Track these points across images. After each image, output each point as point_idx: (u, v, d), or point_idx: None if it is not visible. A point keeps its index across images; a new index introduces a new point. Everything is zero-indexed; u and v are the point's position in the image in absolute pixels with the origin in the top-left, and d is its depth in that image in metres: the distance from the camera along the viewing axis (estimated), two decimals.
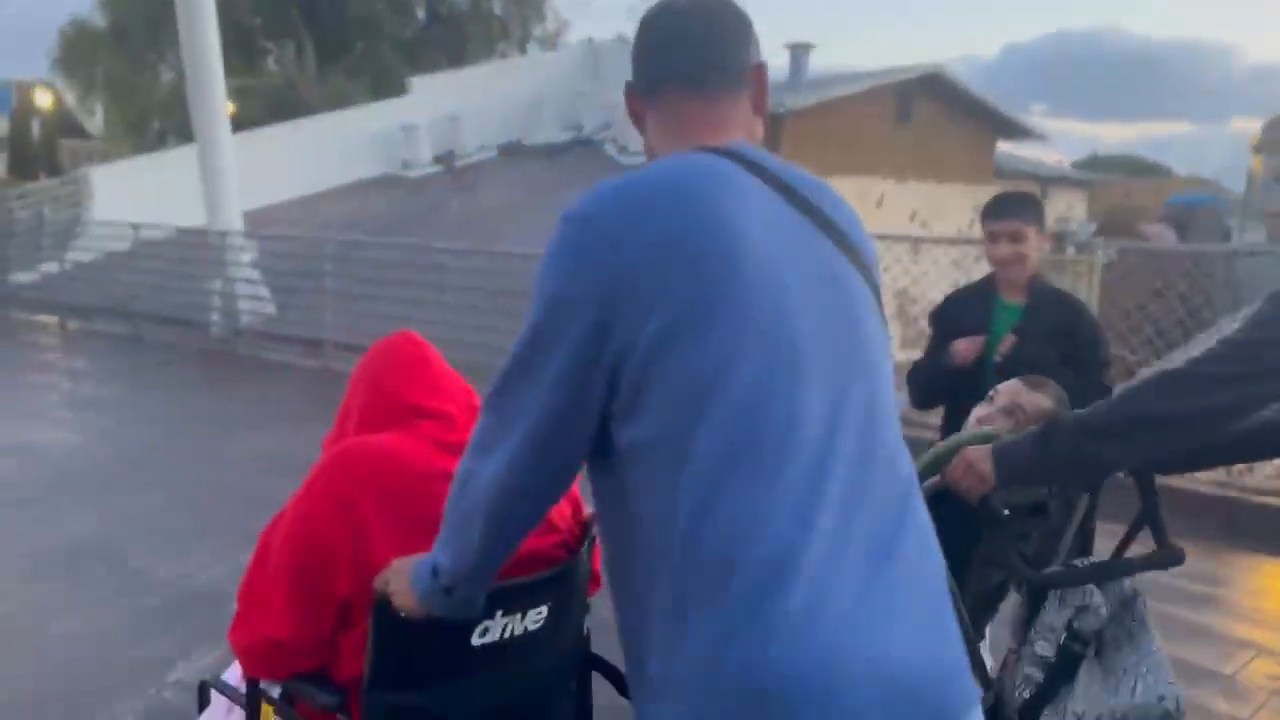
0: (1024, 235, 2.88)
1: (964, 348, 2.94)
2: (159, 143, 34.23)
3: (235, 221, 10.51)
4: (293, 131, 16.85)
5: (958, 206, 18.67)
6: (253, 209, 15.25)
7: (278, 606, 1.58)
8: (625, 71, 1.40)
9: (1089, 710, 1.80)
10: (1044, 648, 1.83)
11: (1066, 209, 27.57)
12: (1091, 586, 1.83)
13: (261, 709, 1.70)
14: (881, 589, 1.09)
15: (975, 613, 1.94)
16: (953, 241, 7.45)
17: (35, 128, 56.77)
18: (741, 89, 1.32)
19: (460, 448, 1.32)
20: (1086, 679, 1.82)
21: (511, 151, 18.49)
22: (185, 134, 30.96)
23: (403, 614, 1.42)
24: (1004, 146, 27.07)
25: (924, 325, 3.38)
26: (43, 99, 34.75)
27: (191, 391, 8.09)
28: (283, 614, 1.57)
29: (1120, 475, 1.86)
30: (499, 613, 1.55)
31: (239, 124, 30.19)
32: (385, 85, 27.38)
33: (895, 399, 1.22)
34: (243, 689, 1.74)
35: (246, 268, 10.17)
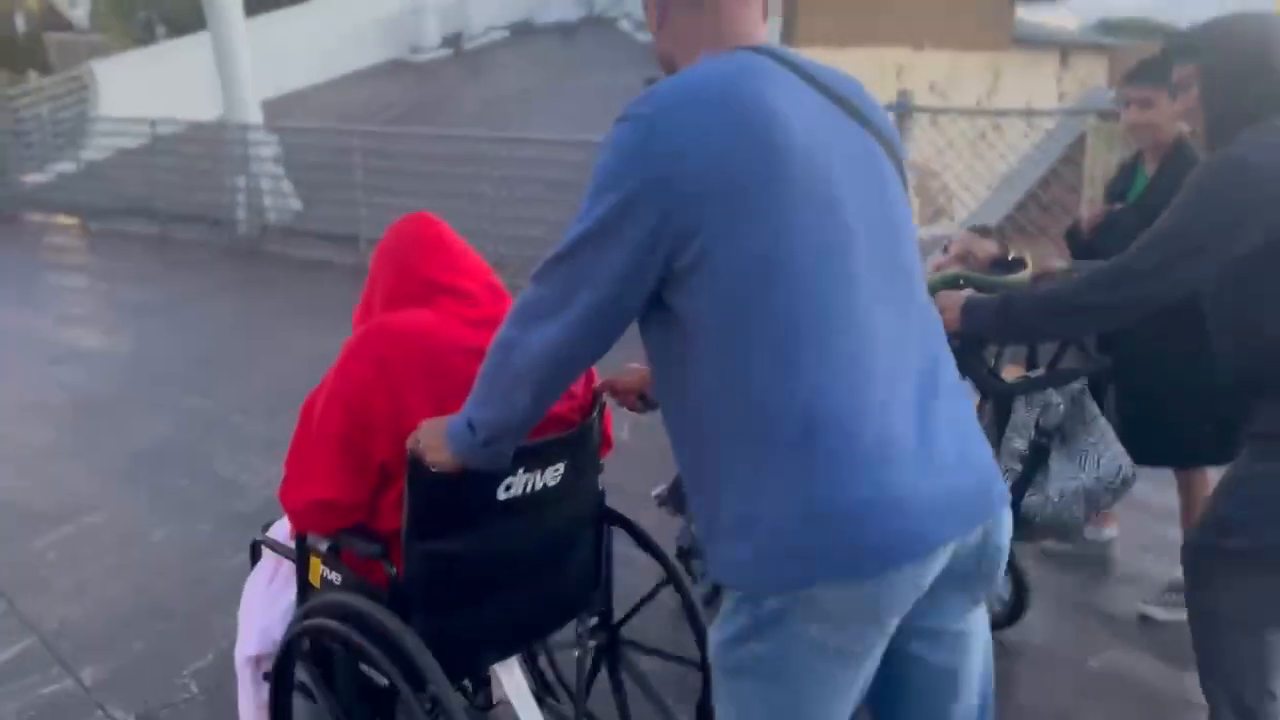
0: (1152, 102, 2.79)
1: (1085, 217, 3.01)
2: (146, 33, 33.27)
3: (254, 114, 10.24)
4: (298, 16, 16.28)
5: (977, 75, 18.16)
6: (262, 99, 14.94)
7: (323, 470, 1.71)
8: None
9: (1065, 486, 2.23)
10: (1019, 444, 2.22)
11: (1088, 75, 26.86)
12: (1050, 389, 2.24)
13: (310, 561, 1.86)
14: (934, 421, 1.29)
15: None
16: (972, 114, 7.25)
17: (19, 23, 55.14)
18: None
19: (482, 323, 1.56)
20: (1056, 464, 2.24)
21: (522, 30, 17.93)
22: (173, 24, 30.19)
23: (434, 469, 1.57)
24: (1020, 12, 26.22)
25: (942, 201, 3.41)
26: None
27: (231, 293, 8.02)
28: (328, 477, 1.71)
29: None
30: (521, 470, 1.71)
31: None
32: None
33: (919, 253, 1.43)
34: (292, 544, 1.91)
35: (269, 163, 9.96)
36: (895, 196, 1.38)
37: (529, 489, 1.75)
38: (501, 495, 1.71)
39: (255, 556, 2.14)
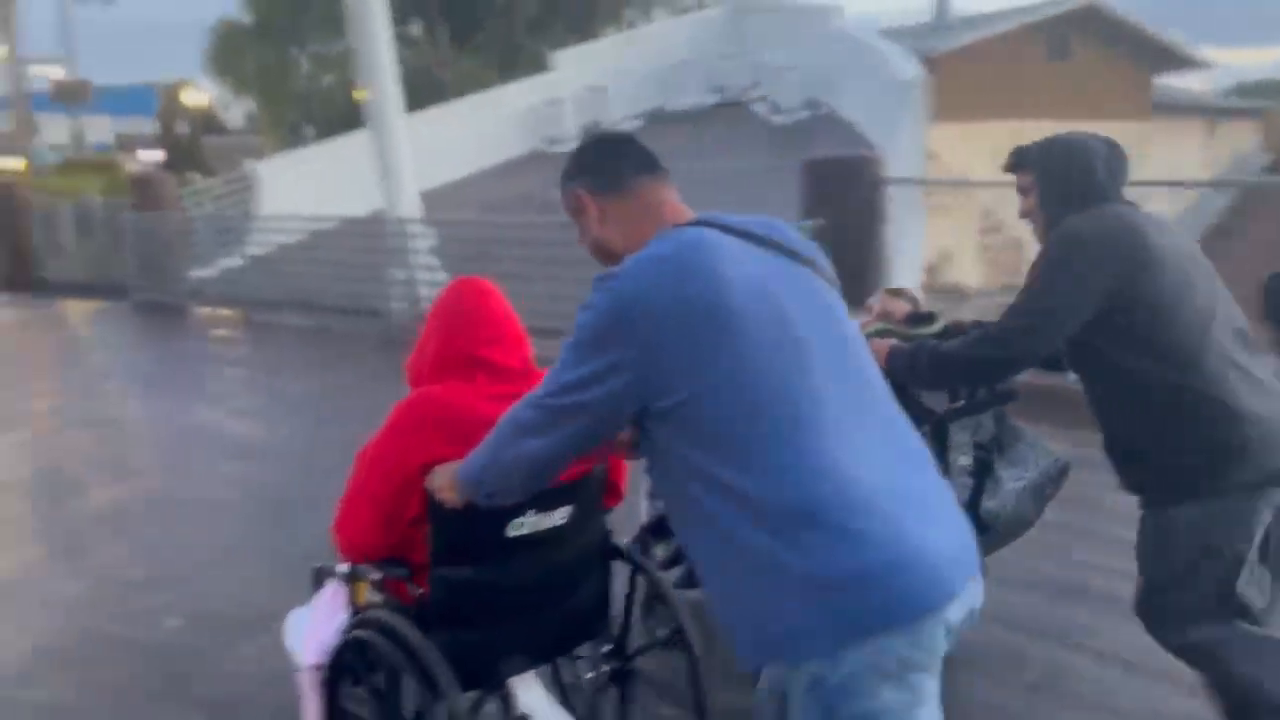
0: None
1: None
2: (295, 135, 35.34)
3: (413, 207, 10.54)
4: (444, 115, 16.95)
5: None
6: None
7: (364, 523, 2.10)
8: (771, 31, 1.16)
9: (1015, 486, 2.61)
10: (964, 460, 2.61)
11: (1238, 139, 25.59)
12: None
13: (356, 585, 2.26)
14: (921, 492, 1.52)
15: None
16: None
17: (182, 127, 59.62)
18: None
19: (506, 397, 1.81)
20: (1002, 470, 2.63)
21: (657, 118, 18.21)
22: (321, 125, 31.98)
23: (446, 505, 1.93)
24: (1160, 80, 25.32)
25: None
26: (193, 98, 36.09)
27: (388, 384, 8.16)
28: (367, 529, 2.10)
29: None
30: (531, 511, 2.03)
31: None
32: (513, 62, 27.43)
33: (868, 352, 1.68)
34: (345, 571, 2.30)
35: (424, 254, 10.20)
36: (833, 307, 1.65)
37: (540, 527, 2.08)
38: (512, 533, 2.05)
39: (319, 584, 2.44)
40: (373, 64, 10.22)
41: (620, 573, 2.34)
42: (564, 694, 2.46)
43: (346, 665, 2.15)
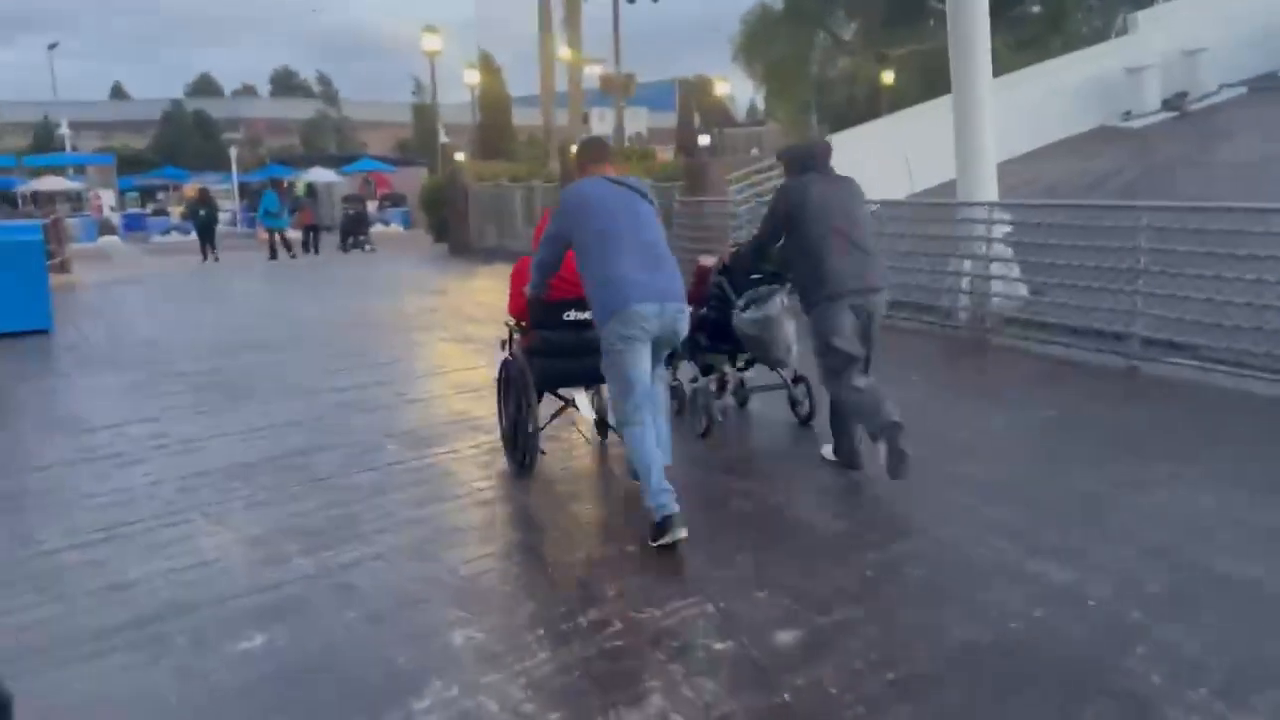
0: None
1: None
2: (803, 122, 35.34)
3: (990, 190, 9.08)
4: (1002, 87, 15.16)
5: None
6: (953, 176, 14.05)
7: (514, 293, 5.19)
8: None
9: (755, 315, 5.40)
10: (744, 302, 5.49)
11: None
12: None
13: (510, 336, 5.33)
14: (657, 269, 4.26)
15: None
16: None
17: (696, 120, 63.31)
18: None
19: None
20: (754, 310, 5.43)
21: (1265, 86, 14.84)
22: (827, 112, 31.56)
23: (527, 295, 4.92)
24: None
25: None
26: (721, 89, 37.55)
27: (960, 400, 6.88)
28: (516, 297, 5.16)
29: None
30: (573, 310, 4.92)
31: (897, 96, 29.70)
32: (1056, 36, 24.61)
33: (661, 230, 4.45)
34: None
35: (998, 244, 8.72)
36: (653, 220, 4.43)
37: (578, 316, 4.88)
38: (565, 317, 4.96)
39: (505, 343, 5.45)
40: (965, 30, 8.87)
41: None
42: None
43: (504, 375, 5.34)
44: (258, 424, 6.39)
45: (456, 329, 10.52)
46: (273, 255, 21.58)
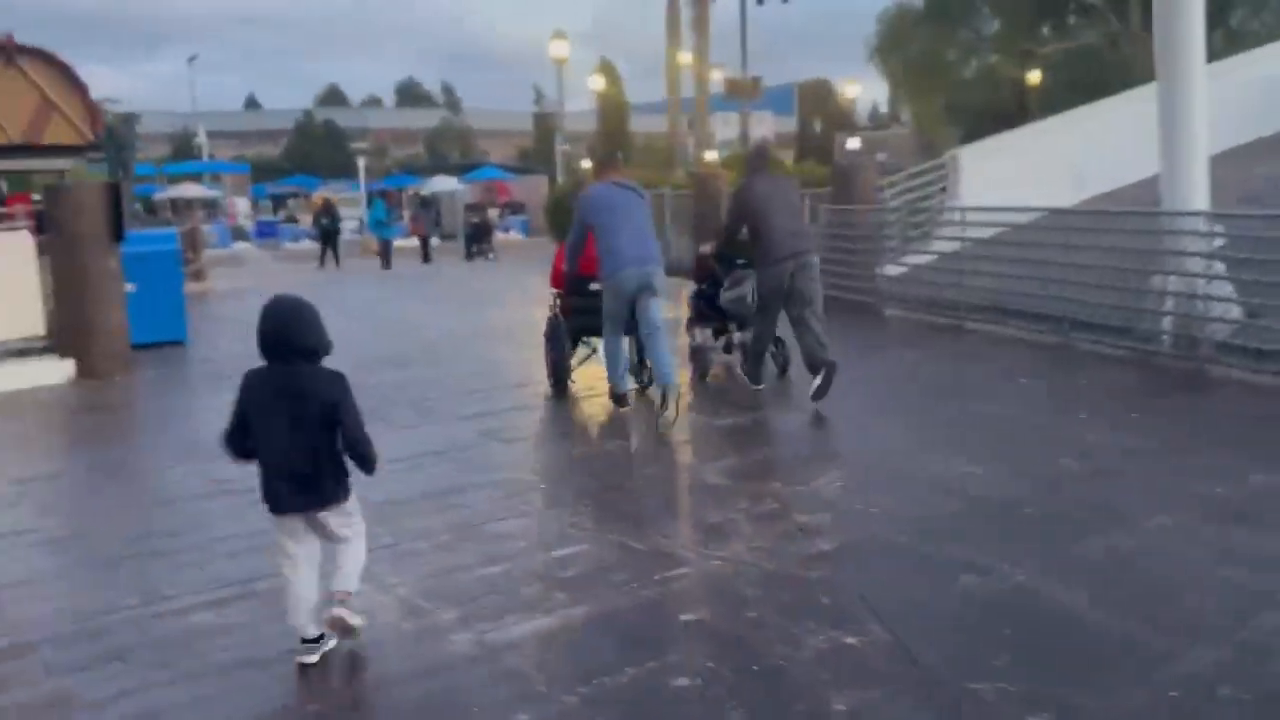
0: None
1: None
2: (937, 125, 33.79)
3: (1202, 197, 7.99)
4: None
5: None
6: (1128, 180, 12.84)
7: (555, 272, 7.65)
8: None
9: (731, 294, 7.26)
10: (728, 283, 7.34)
11: None
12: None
13: (554, 301, 7.61)
14: (641, 244, 6.54)
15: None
16: None
17: (817, 125, 61.95)
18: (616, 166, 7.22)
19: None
20: (731, 289, 7.30)
21: None
22: (961, 113, 30.07)
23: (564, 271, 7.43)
24: None
25: None
26: (851, 91, 36.35)
27: (1177, 457, 5.92)
28: (556, 273, 7.64)
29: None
30: (594, 283, 6.89)
31: (1044, 97, 28.10)
32: (1216, 30, 22.75)
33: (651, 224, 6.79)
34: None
35: (1205, 259, 7.65)
36: (642, 210, 6.73)
37: (597, 287, 6.80)
38: (590, 287, 7.00)
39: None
40: (1175, 11, 7.83)
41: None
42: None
43: (550, 329, 7.50)
44: (398, 453, 5.84)
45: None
46: (385, 264, 21.79)
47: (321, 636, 3.32)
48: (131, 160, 19.70)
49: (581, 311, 7.20)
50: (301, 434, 3.19)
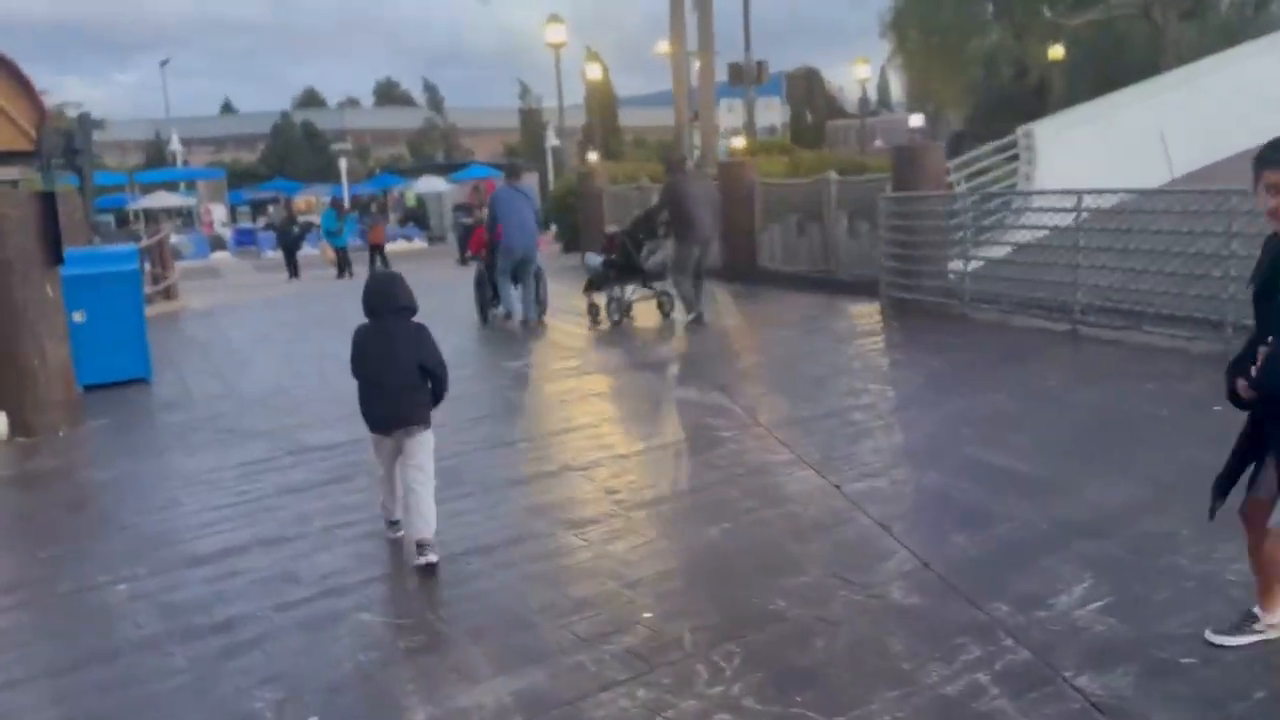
0: None
1: None
2: (947, 108, 32.34)
3: None
4: (1211, 75, 12.41)
5: None
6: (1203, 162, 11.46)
7: (474, 241, 15.23)
8: None
9: (655, 259, 10.49)
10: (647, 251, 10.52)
11: None
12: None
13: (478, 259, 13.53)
14: (527, 232, 10.81)
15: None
16: None
17: (807, 114, 60.71)
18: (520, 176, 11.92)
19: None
20: (662, 253, 10.45)
21: None
22: (996, 94, 28.60)
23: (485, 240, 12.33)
24: None
25: None
26: (861, 73, 34.79)
27: None
28: (475, 244, 15.11)
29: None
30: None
31: (1069, 73, 26.63)
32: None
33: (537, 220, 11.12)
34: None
35: None
36: (526, 205, 10.88)
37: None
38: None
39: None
40: None
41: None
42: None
43: (477, 277, 11.80)
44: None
45: (625, 374, 8.33)
46: (339, 274, 21.29)
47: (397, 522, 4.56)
48: (88, 166, 17.93)
49: (492, 267, 11.15)
50: (398, 369, 4.31)
